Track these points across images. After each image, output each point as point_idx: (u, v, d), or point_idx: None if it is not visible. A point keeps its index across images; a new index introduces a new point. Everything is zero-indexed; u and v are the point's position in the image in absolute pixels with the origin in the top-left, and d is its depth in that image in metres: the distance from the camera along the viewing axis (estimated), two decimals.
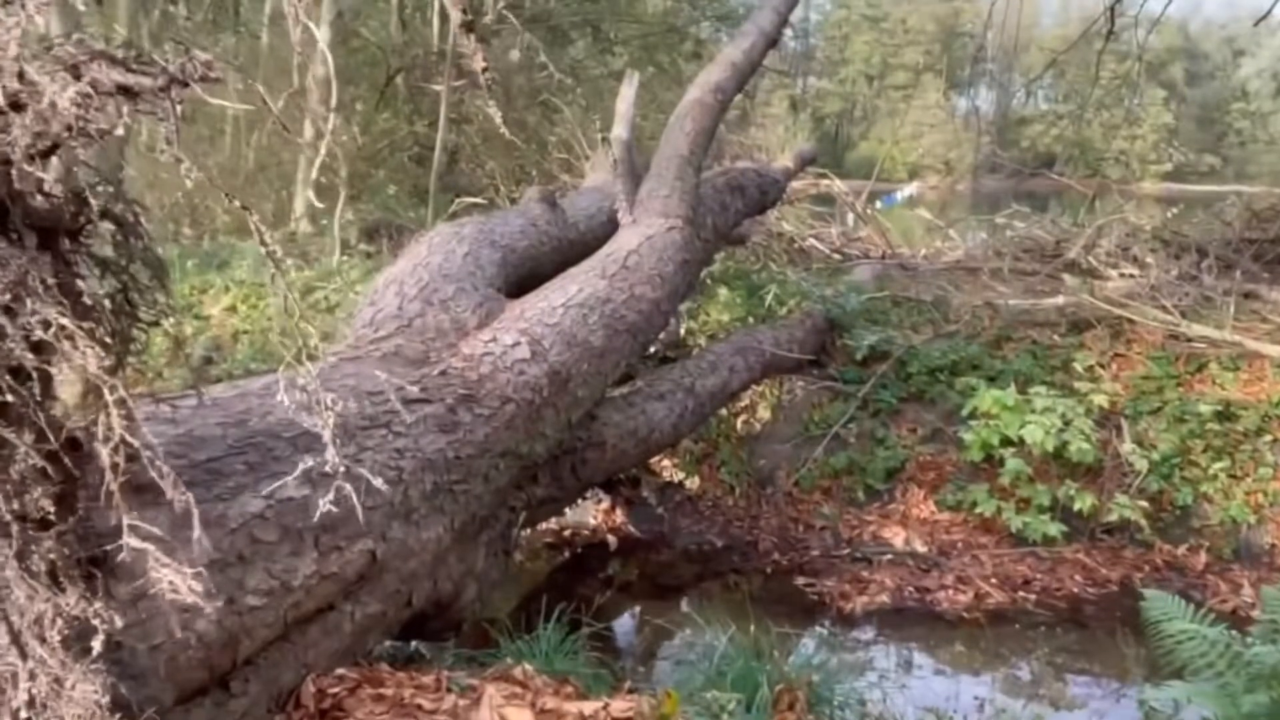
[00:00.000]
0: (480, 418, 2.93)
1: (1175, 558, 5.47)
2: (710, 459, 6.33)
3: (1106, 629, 4.90)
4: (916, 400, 6.49)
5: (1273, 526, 5.50)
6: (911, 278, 9.08)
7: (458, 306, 3.40)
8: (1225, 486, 5.62)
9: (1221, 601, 5.04)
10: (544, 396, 3.22)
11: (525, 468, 3.38)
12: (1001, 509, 5.64)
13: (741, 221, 6.26)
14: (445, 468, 2.73)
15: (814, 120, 55.77)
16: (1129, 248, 9.56)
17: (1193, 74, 59.89)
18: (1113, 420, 6.05)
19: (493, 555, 3.38)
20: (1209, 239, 9.65)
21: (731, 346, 5.70)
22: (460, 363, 3.05)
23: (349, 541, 2.27)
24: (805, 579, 5.32)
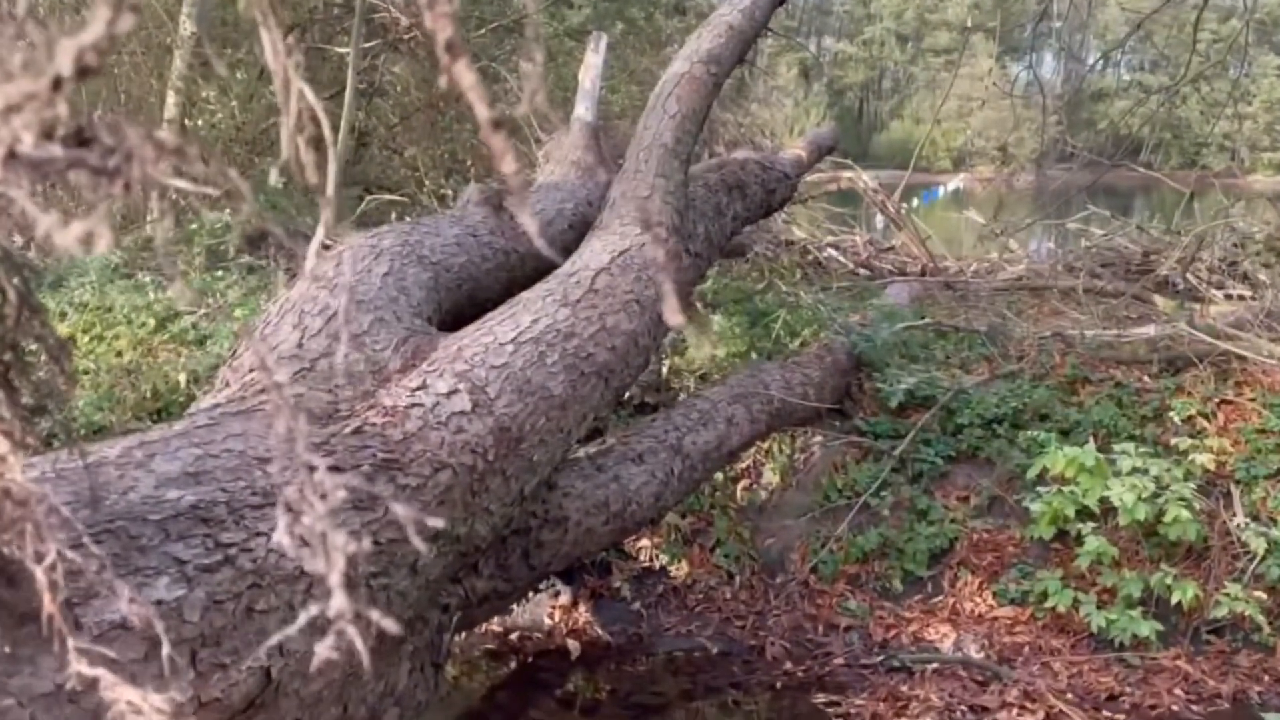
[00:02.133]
0: (406, 490, 2.95)
1: None
2: (702, 538, 6.37)
3: None
4: (968, 460, 6.60)
5: None
6: (960, 300, 9.26)
7: (376, 343, 3.42)
8: None
9: None
10: (488, 461, 3.24)
11: (464, 554, 3.40)
12: (1079, 602, 5.72)
13: (742, 228, 6.36)
14: (360, 557, 2.75)
15: (832, 93, 56.70)
16: (1237, 261, 9.82)
17: None
18: (1220, 486, 6.17)
19: (419, 669, 3.38)
20: None
21: (729, 391, 5.76)
22: (380, 418, 3.08)
23: (235, 657, 2.28)
24: (826, 696, 5.35)
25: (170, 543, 2.20)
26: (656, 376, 6.84)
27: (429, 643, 3.48)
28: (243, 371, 3.24)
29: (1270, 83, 55.96)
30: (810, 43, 59.27)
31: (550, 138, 7.31)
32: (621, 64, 13.93)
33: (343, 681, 2.74)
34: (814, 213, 12.37)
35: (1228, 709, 5.25)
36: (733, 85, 21.96)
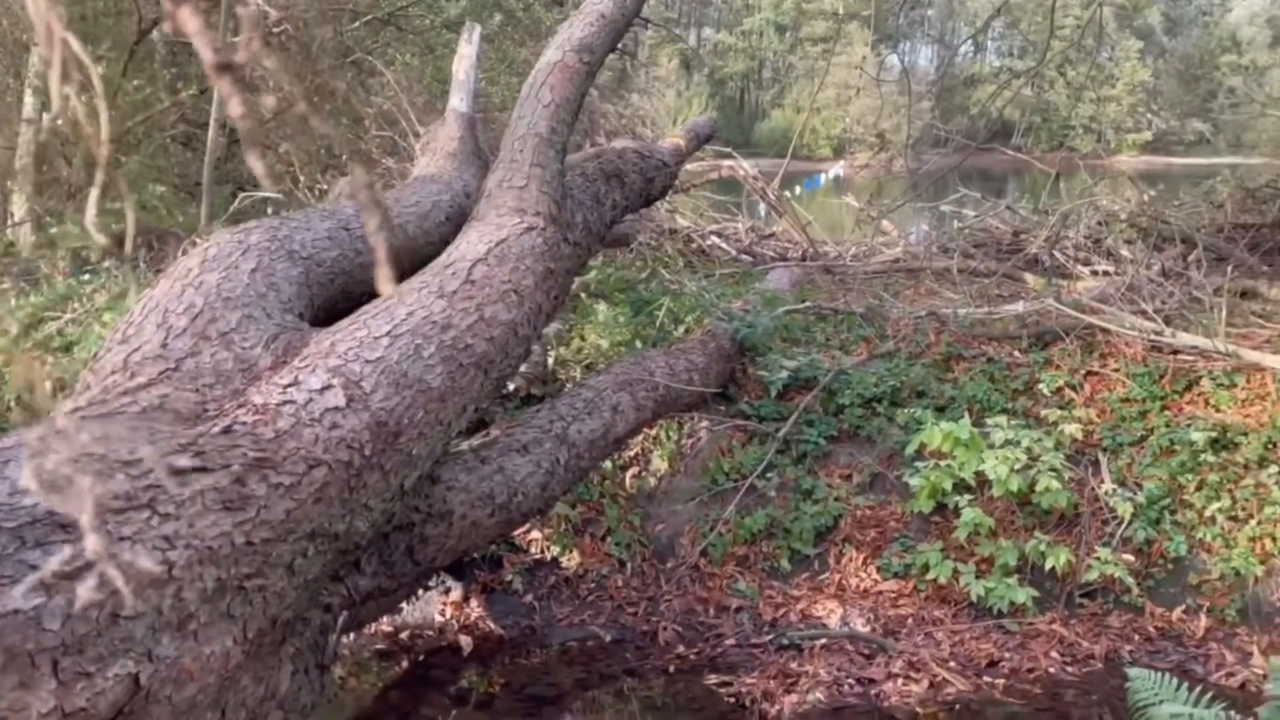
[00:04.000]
0: (279, 488, 2.90)
1: (1170, 623, 5.81)
2: (593, 527, 6.40)
3: (1091, 717, 5.16)
4: (850, 439, 6.74)
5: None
6: (839, 283, 9.44)
7: (244, 340, 3.35)
8: (1225, 531, 6.03)
9: (1227, 675, 5.40)
10: (365, 456, 3.21)
11: (344, 552, 3.35)
12: (959, 572, 5.90)
13: (622, 217, 6.37)
14: (232, 558, 2.69)
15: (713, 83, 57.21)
16: (1102, 239, 10.19)
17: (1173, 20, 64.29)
18: (1088, 454, 6.42)
19: (303, 672, 3.33)
20: (1197, 226, 10.38)
21: (614, 380, 5.78)
22: (250, 416, 3.02)
23: (101, 664, 2.22)
24: (718, 677, 5.42)
25: (26, 550, 2.13)
26: (543, 367, 6.84)
27: (312, 644, 3.43)
28: (104, 374, 3.14)
29: (1132, 66, 58.28)
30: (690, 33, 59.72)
31: (428, 130, 7.24)
32: (500, 55, 13.83)
33: (219, 686, 2.69)
34: (697, 201, 12.47)
35: (1100, 669, 5.47)
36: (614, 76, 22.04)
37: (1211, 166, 21.44)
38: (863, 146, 48.18)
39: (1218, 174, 13.35)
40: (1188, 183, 14.05)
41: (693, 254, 10.55)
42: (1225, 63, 60.38)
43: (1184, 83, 60.54)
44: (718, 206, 12.51)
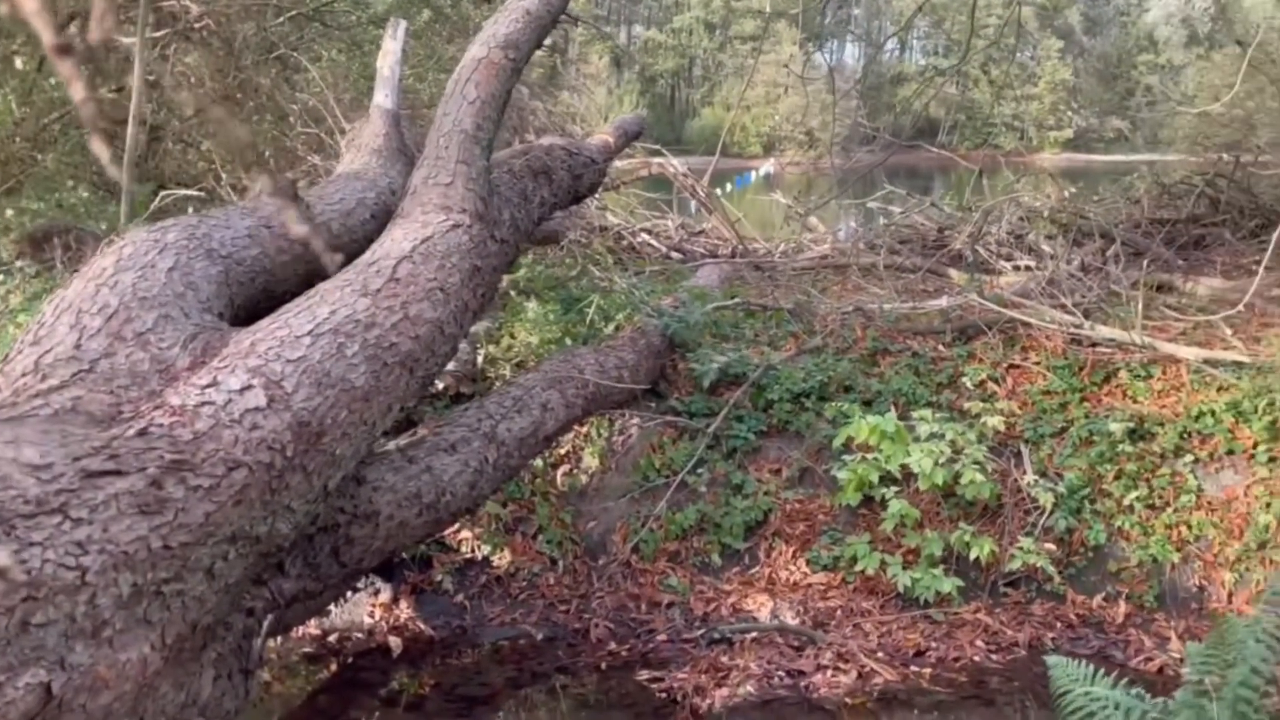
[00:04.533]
0: (197, 491, 2.84)
1: (1091, 610, 5.94)
2: (524, 525, 6.37)
3: (1015, 703, 5.26)
4: (779, 434, 6.79)
5: (1200, 565, 6.08)
6: (768, 280, 9.50)
7: (161, 341, 3.29)
8: (1143, 520, 6.17)
9: (1146, 660, 5.52)
10: (287, 457, 3.16)
11: (266, 555, 3.30)
12: (886, 563, 5.97)
13: (551, 214, 6.35)
14: (149, 563, 2.64)
15: (643, 81, 57.26)
16: (1024, 235, 10.39)
17: (1092, 20, 65.66)
18: (1011, 446, 6.54)
19: (226, 677, 3.28)
20: (1115, 221, 10.61)
21: (544, 377, 5.76)
22: (167, 418, 2.96)
23: (10, 674, 2.16)
24: (650, 672, 5.43)
25: None
26: (472, 366, 6.80)
27: (235, 648, 3.37)
28: (14, 376, 3.06)
29: (1053, 65, 59.40)
30: (620, 31, 59.72)
31: (353, 127, 7.16)
32: (428, 52, 13.70)
33: (136, 694, 2.63)
34: (627, 199, 12.48)
35: (1024, 656, 5.57)
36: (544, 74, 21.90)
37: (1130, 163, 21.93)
38: (792, 144, 48.64)
39: (1135, 171, 13.67)
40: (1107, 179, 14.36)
41: (623, 251, 10.56)
42: (1143, 62, 61.81)
43: (1103, 81, 61.89)
44: (648, 204, 12.54)
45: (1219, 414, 6.44)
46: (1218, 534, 6.09)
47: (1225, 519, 6.13)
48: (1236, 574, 5.96)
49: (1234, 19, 18.63)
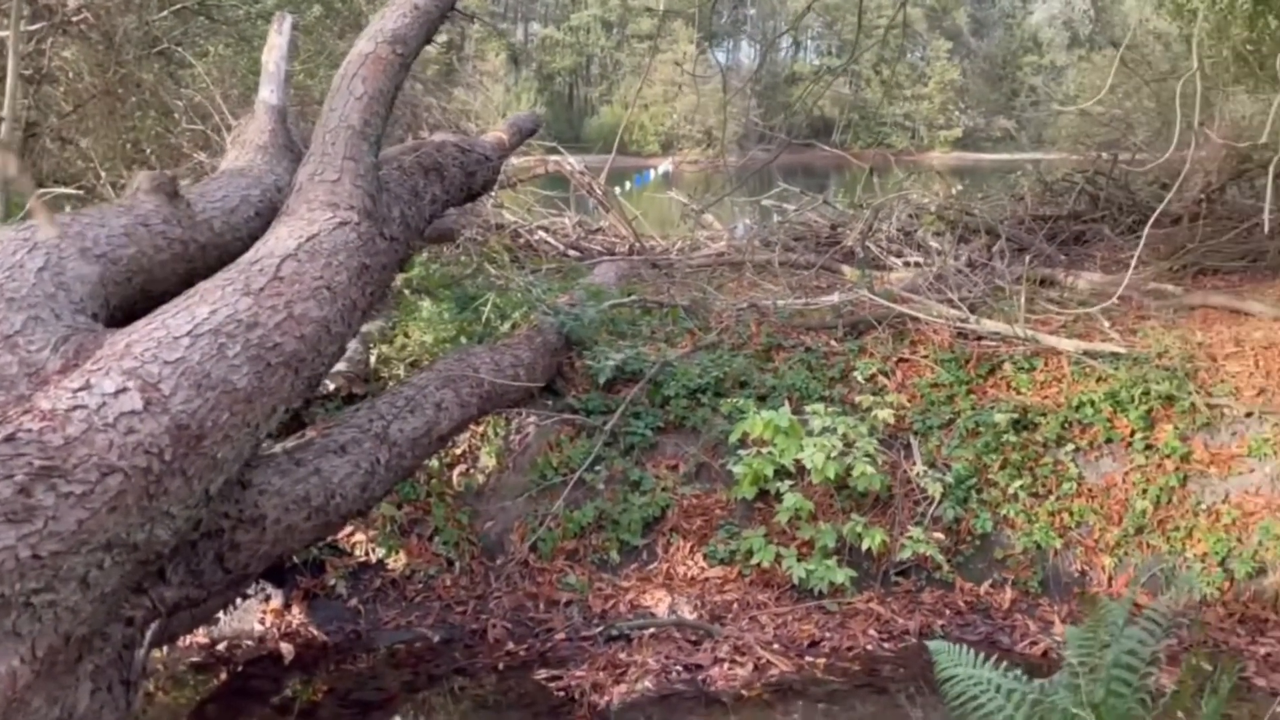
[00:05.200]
0: (69, 498, 2.74)
1: (978, 596, 6.10)
2: (420, 527, 6.31)
3: (907, 690, 5.37)
4: (676, 430, 6.82)
5: (1081, 550, 6.28)
6: (666, 277, 9.54)
7: (30, 344, 3.16)
8: (1027, 508, 6.36)
9: (1031, 644, 5.68)
10: (166, 461, 3.06)
11: (145, 562, 3.19)
12: (781, 556, 6.05)
13: (443, 212, 6.27)
14: (17, 573, 2.53)
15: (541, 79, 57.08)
16: (913, 232, 10.60)
17: (979, 21, 67.34)
18: (900, 438, 6.67)
19: (105, 689, 3.17)
20: (1000, 218, 10.90)
21: (438, 376, 5.69)
22: (36, 423, 2.84)
23: None
24: (549, 671, 5.42)
25: None
26: (364, 366, 6.69)
27: (114, 659, 3.26)
28: None
29: (942, 65, 60.78)
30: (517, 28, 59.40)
31: (239, 123, 6.99)
32: (319, 47, 13.44)
33: (4, 709, 2.53)
34: (524, 197, 12.42)
35: (915, 643, 5.68)
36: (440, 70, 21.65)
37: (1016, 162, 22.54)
38: (690, 143, 48.88)
39: (1021, 169, 14.06)
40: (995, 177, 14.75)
41: (520, 249, 10.50)
42: (1027, 63, 63.60)
43: (990, 82, 63.53)
44: (545, 202, 12.50)
45: (1098, 404, 6.67)
46: (1098, 520, 6.30)
47: (1105, 505, 6.35)
48: (1116, 558, 6.18)
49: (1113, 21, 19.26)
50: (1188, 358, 7.02)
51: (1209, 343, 7.36)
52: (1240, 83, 11.31)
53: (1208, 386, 6.83)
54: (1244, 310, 8.07)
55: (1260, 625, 5.81)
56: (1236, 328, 7.73)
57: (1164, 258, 9.79)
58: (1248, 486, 6.32)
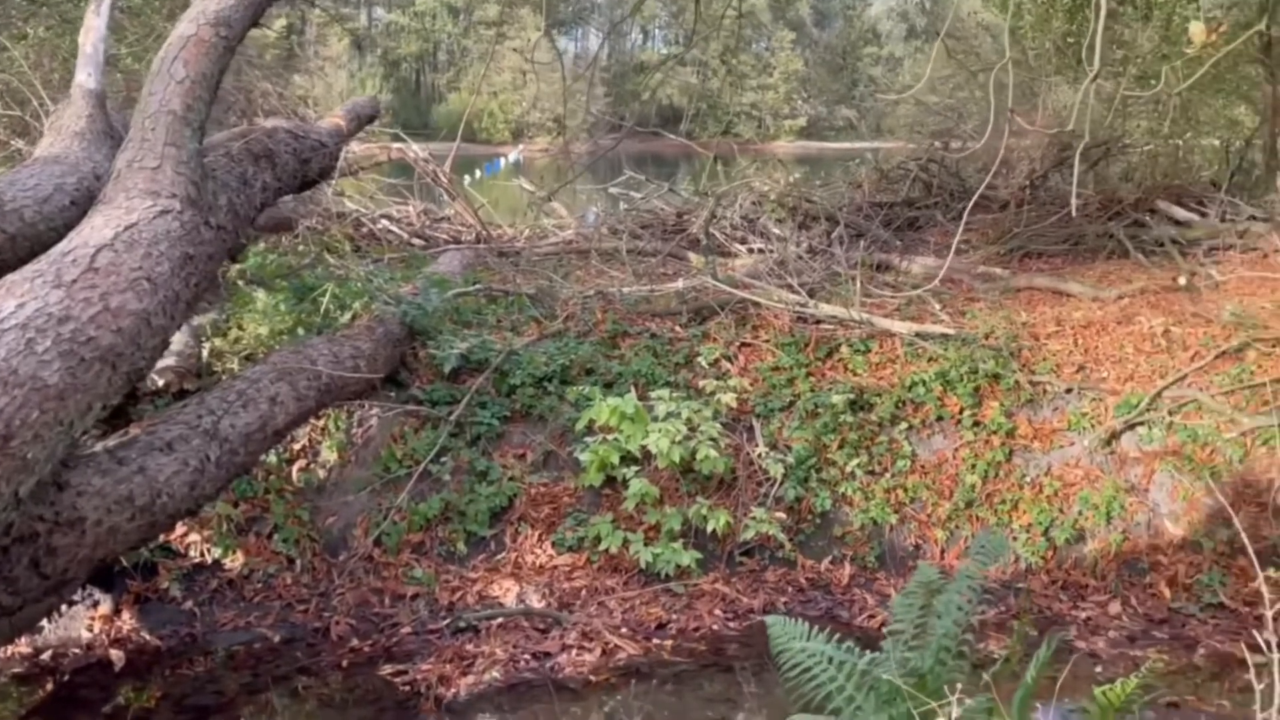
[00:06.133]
0: None
1: (819, 573, 6.25)
2: (258, 525, 6.12)
3: (753, 667, 5.47)
4: (523, 418, 6.79)
5: (915, 525, 6.50)
6: (513, 265, 9.48)
7: None
8: (864, 486, 6.55)
9: (869, 617, 5.86)
10: None
11: None
12: (629, 541, 6.09)
13: (276, 199, 6.10)
14: None
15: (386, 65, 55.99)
16: (756, 219, 10.78)
17: (821, 13, 68.93)
18: (743, 421, 6.79)
19: None
20: (839, 205, 11.18)
21: (273, 369, 5.53)
22: None
23: None
24: (394, 666, 5.33)
25: None
26: (196, 360, 6.45)
27: None
28: None
29: (786, 56, 61.98)
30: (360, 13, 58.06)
31: (56, 109, 6.64)
32: (148, 30, 12.89)
33: None
34: (367, 185, 12.16)
35: (759, 621, 5.79)
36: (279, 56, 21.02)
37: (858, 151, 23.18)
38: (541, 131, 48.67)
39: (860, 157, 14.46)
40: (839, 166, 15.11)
41: (363, 239, 10.29)
42: (867, 54, 65.43)
43: (832, 72, 65.14)
44: (390, 190, 12.26)
45: (929, 383, 6.91)
46: (930, 495, 6.53)
47: (937, 481, 6.60)
48: (947, 531, 6.42)
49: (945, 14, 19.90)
50: (1012, 337, 7.35)
51: (1032, 323, 7.72)
52: (1061, 73, 11.88)
53: (1031, 365, 7.16)
54: (1065, 291, 8.48)
55: (1081, 591, 6.12)
56: (1058, 308, 8.12)
57: (992, 242, 10.22)
58: (1068, 459, 6.66)
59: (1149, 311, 7.84)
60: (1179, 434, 6.66)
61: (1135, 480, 6.55)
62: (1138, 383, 7.01)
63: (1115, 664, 5.20)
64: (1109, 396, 6.92)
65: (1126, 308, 8.00)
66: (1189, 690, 5.14)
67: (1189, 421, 6.70)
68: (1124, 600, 6.00)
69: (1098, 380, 7.09)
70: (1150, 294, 8.26)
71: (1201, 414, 6.74)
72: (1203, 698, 5.04)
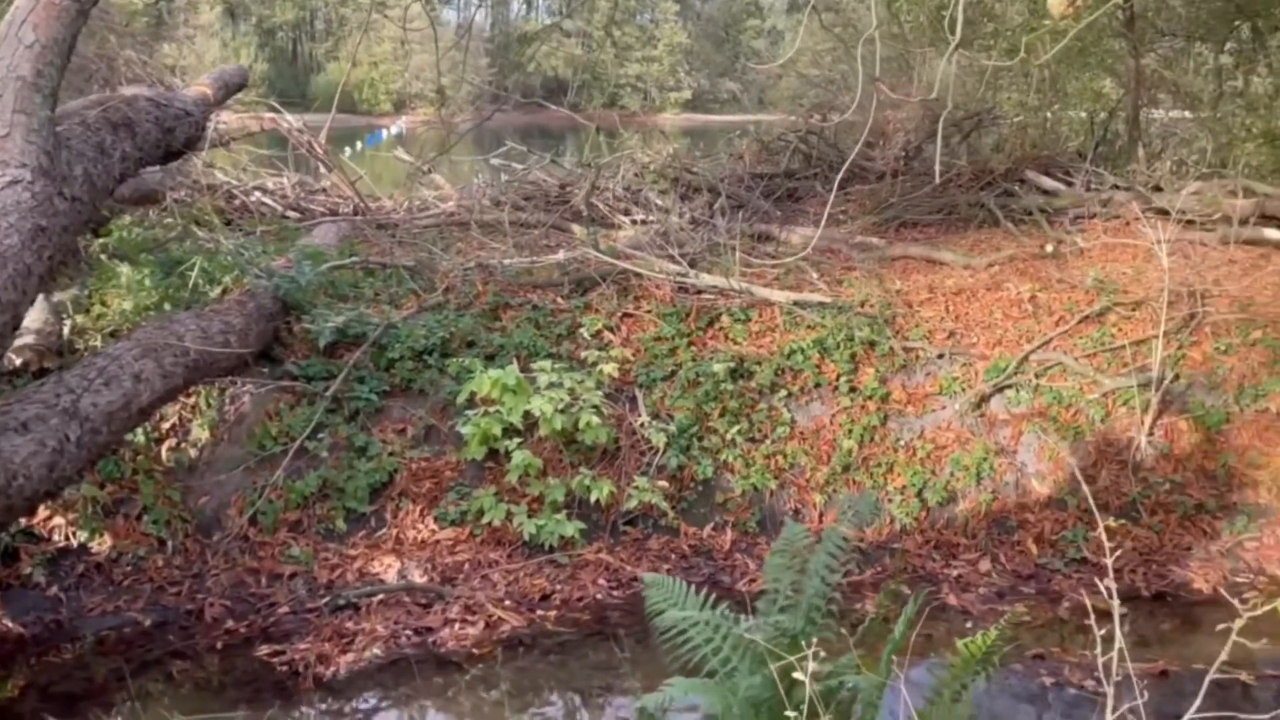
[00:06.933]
0: None
1: (702, 540, 6.32)
2: (126, 506, 5.94)
3: (635, 635, 5.50)
4: (403, 393, 6.71)
5: (795, 490, 6.61)
6: (392, 238, 9.32)
7: None
8: (745, 453, 6.63)
9: (750, 581, 5.93)
10: None
11: None
12: (512, 513, 6.07)
13: (137, 170, 5.89)
14: None
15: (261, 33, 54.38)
16: (640, 191, 10.79)
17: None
18: (626, 391, 6.81)
19: None
20: (720, 176, 11.25)
21: (137, 346, 5.34)
22: None
23: None
24: (272, 646, 5.23)
25: None
26: (57, 338, 6.20)
27: None
28: None
29: (670, 28, 62.04)
30: None
31: None
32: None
33: None
34: (240, 156, 11.80)
35: (642, 590, 5.82)
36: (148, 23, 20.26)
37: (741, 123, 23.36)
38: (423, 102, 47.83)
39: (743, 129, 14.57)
40: (722, 138, 15.19)
41: (234, 211, 9.99)
42: (750, 27, 65.82)
43: (715, 45, 65.42)
44: (264, 162, 11.92)
45: (807, 351, 7.03)
46: (809, 460, 6.65)
47: (815, 446, 6.72)
48: (826, 495, 6.56)
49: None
50: (887, 305, 7.51)
51: (906, 290, 7.90)
52: (934, 45, 12.13)
53: (905, 331, 7.33)
54: (938, 260, 8.70)
55: (953, 550, 6.30)
56: (931, 276, 8.33)
57: (869, 212, 10.41)
58: (940, 423, 6.85)
59: (1017, 278, 8.09)
60: (1045, 396, 6.90)
61: (1004, 442, 6.77)
62: (1006, 347, 7.24)
63: (985, 619, 5.36)
64: (979, 361, 7.13)
65: (996, 275, 8.24)
66: (1054, 642, 5.35)
67: (1054, 384, 6.95)
68: (993, 557, 6.21)
69: (968, 345, 7.30)
70: (1019, 261, 8.52)
71: (1066, 376, 6.99)
72: (1067, 649, 5.25)
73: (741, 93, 57.66)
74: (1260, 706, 4.47)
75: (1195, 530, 6.42)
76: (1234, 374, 7.02)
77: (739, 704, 3.11)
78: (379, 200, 11.33)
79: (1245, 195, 9.16)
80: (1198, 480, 6.62)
